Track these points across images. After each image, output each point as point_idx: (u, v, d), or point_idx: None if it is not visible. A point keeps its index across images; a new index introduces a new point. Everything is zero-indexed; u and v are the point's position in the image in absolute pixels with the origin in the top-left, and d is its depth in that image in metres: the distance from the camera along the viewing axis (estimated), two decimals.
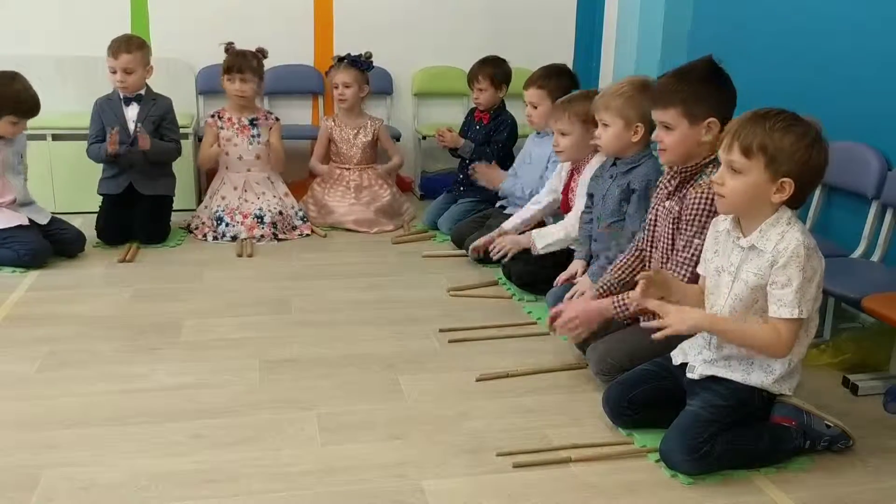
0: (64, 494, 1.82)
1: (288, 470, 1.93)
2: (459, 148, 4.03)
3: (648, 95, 2.45)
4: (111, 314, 2.89)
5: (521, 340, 2.75)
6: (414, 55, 4.77)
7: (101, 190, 3.71)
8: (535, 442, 2.08)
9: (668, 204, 2.32)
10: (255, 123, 3.96)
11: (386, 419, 2.18)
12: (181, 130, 3.87)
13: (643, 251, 2.44)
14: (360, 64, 4.14)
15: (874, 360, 2.55)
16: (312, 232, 3.97)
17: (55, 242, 3.43)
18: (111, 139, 3.51)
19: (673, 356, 2.13)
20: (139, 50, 3.60)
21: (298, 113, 4.74)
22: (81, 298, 3.03)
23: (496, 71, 3.96)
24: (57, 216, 3.54)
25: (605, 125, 2.69)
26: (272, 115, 4.07)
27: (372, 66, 4.20)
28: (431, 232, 4.02)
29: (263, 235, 3.81)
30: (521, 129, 4.04)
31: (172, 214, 3.86)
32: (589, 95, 3.08)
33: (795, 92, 3.17)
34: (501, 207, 3.77)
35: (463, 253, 3.61)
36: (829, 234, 3.01)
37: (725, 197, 1.90)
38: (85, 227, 3.63)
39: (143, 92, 3.68)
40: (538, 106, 3.47)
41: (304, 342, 2.68)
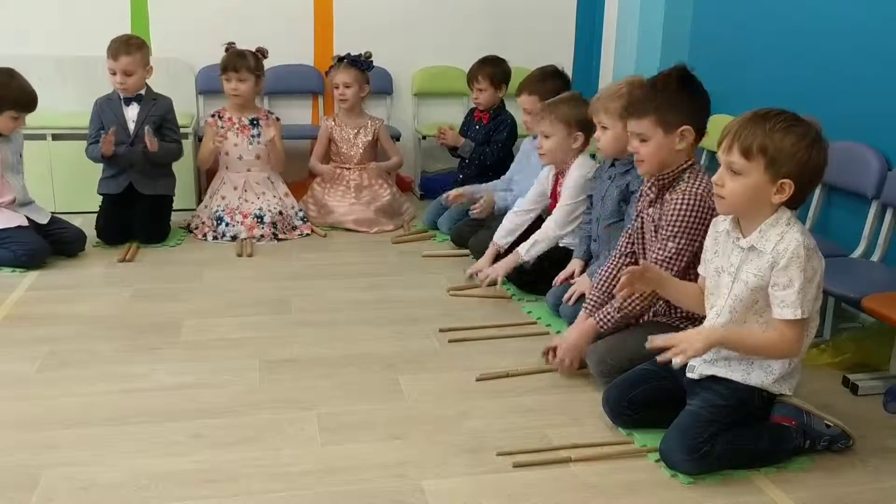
0: (64, 494, 1.82)
1: (288, 470, 1.93)
2: (459, 147, 4.03)
3: None
4: (111, 314, 2.89)
5: (521, 340, 2.75)
6: (414, 55, 4.77)
7: (100, 190, 3.71)
8: (535, 442, 2.08)
9: (650, 211, 2.35)
10: (255, 123, 3.97)
11: (386, 419, 2.18)
12: (181, 130, 3.86)
13: (625, 258, 2.45)
14: (360, 64, 4.14)
15: (874, 360, 2.55)
16: (312, 232, 3.97)
17: (55, 242, 3.43)
18: (105, 142, 3.51)
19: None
20: (138, 51, 3.60)
21: (298, 113, 4.74)
22: (81, 298, 3.03)
23: (496, 70, 3.96)
24: (57, 216, 3.54)
25: (603, 128, 2.68)
26: (272, 114, 4.07)
27: (372, 65, 4.19)
28: (431, 232, 4.01)
29: (263, 235, 3.80)
30: (520, 128, 4.04)
31: (172, 214, 3.86)
32: (574, 98, 3.08)
33: (795, 92, 3.17)
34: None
35: (463, 253, 3.61)
36: (829, 234, 3.01)
37: (725, 198, 1.90)
38: (85, 226, 3.63)
39: (143, 92, 3.67)
40: (532, 111, 3.45)
41: (304, 342, 2.68)
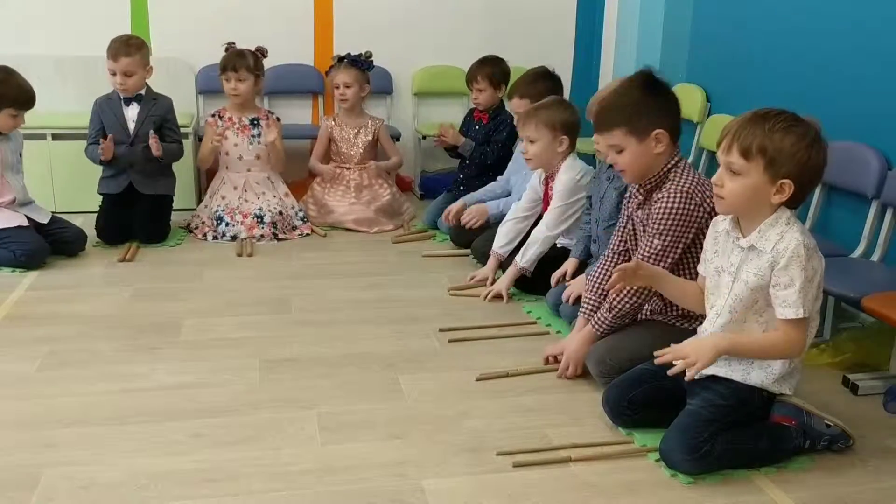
0: (64, 494, 1.82)
1: (288, 469, 1.93)
2: (460, 146, 4.02)
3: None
4: (111, 313, 2.89)
5: (521, 340, 2.75)
6: (414, 55, 4.77)
7: (101, 189, 3.71)
8: (535, 441, 2.08)
9: (639, 213, 2.37)
10: (255, 123, 3.96)
11: (386, 419, 2.18)
12: (181, 130, 3.86)
13: (617, 256, 2.46)
14: (360, 64, 4.14)
15: (874, 359, 2.55)
16: (312, 231, 3.97)
17: (56, 241, 3.43)
18: (105, 149, 3.52)
19: None
20: (138, 52, 3.59)
21: (298, 112, 4.73)
22: (81, 298, 3.03)
23: (494, 70, 3.95)
24: (58, 215, 3.54)
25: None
26: (273, 114, 4.07)
27: (372, 65, 4.19)
28: (431, 231, 4.01)
29: (263, 235, 3.80)
30: None
31: (172, 214, 3.86)
32: (557, 102, 3.08)
33: (795, 92, 3.17)
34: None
35: (463, 252, 3.61)
36: (829, 233, 3.01)
37: (725, 198, 1.90)
38: (85, 226, 3.63)
39: (143, 92, 3.67)
40: None
41: (304, 341, 2.68)
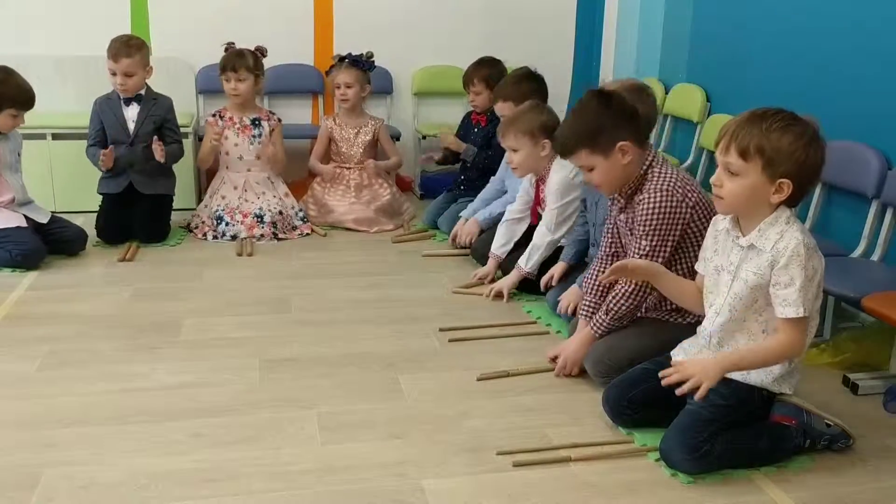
0: (64, 493, 1.82)
1: (288, 469, 1.93)
2: (462, 152, 4.01)
3: (640, 98, 2.47)
4: (111, 313, 2.89)
5: (521, 340, 2.75)
6: (414, 55, 4.77)
7: (100, 189, 3.71)
8: (535, 441, 2.08)
9: (622, 217, 2.39)
10: (256, 123, 3.96)
11: (386, 418, 2.18)
12: (181, 130, 3.86)
13: (609, 258, 2.46)
14: (361, 64, 4.14)
15: (874, 359, 2.55)
16: (312, 231, 3.97)
17: (56, 241, 3.43)
18: (104, 160, 3.52)
19: (673, 355, 2.12)
20: (138, 52, 3.59)
21: (298, 112, 4.73)
22: (81, 297, 3.03)
23: (491, 72, 3.92)
24: (58, 215, 3.54)
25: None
26: (274, 114, 4.07)
27: (373, 65, 4.19)
28: (431, 231, 4.01)
29: (263, 235, 3.80)
30: None
31: (172, 214, 3.86)
32: (532, 108, 3.07)
33: (795, 92, 3.17)
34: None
35: (463, 252, 3.61)
36: (828, 233, 3.01)
37: (724, 199, 1.89)
38: (85, 226, 3.63)
39: (143, 92, 3.67)
40: None
41: (304, 341, 2.68)
